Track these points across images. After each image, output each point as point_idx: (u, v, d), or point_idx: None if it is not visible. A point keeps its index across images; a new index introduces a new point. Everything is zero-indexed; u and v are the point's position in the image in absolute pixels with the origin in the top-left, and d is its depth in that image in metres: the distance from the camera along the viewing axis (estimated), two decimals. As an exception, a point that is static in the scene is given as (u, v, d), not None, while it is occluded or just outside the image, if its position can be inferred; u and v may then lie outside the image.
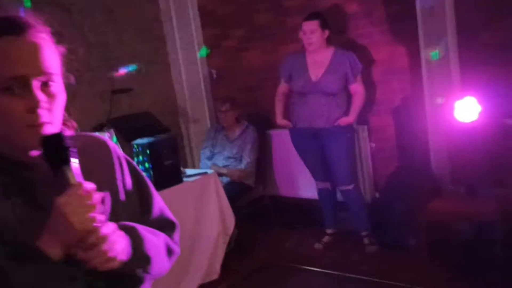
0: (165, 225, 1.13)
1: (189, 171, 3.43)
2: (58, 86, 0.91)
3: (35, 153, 0.89)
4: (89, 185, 0.85)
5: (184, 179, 3.25)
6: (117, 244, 0.86)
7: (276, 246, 3.82)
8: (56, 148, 0.85)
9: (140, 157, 3.01)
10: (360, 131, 3.78)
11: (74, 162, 0.87)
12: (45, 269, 0.81)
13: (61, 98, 0.93)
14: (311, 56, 3.45)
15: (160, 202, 1.15)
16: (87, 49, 4.06)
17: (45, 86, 0.88)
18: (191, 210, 3.19)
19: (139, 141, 3.06)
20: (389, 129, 3.79)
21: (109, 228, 0.86)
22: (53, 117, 0.89)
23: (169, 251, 1.10)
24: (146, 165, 2.99)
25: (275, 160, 4.28)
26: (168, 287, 3.03)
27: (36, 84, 0.86)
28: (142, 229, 1.01)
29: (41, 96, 0.87)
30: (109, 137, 2.97)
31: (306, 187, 4.03)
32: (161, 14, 4.69)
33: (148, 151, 2.96)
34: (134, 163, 1.14)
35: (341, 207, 3.69)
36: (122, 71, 4.34)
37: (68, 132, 1.02)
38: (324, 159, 3.51)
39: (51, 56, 0.90)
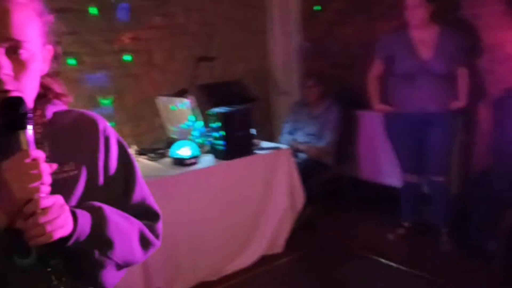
0: (146, 214, 1.08)
1: (264, 143, 3.44)
2: (29, 54, 0.88)
3: None
4: (38, 153, 0.83)
5: (257, 151, 3.27)
6: (58, 219, 0.82)
7: (346, 229, 3.73)
8: (13, 112, 0.84)
9: (214, 124, 3.08)
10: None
11: (29, 129, 0.85)
12: None
13: (34, 67, 0.90)
14: (416, 33, 3.16)
15: (144, 189, 1.10)
16: (186, 13, 4.19)
17: (13, 53, 0.86)
18: (260, 182, 3.21)
19: (215, 109, 3.12)
20: (486, 122, 3.42)
21: (52, 201, 0.82)
22: (20, 85, 0.87)
23: (144, 241, 1.05)
24: (219, 133, 3.06)
25: (360, 142, 4.13)
26: (231, 254, 3.14)
27: (1, 49, 0.84)
28: (111, 212, 0.97)
29: (5, 62, 0.84)
30: (189, 103, 3.08)
31: (389, 174, 3.85)
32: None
33: (221, 121, 3.01)
34: (126, 146, 1.10)
35: (423, 200, 3.46)
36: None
37: (60, 106, 1.03)
38: (419, 150, 3.27)
39: (25, 23, 0.87)
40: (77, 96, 3.48)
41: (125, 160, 1.07)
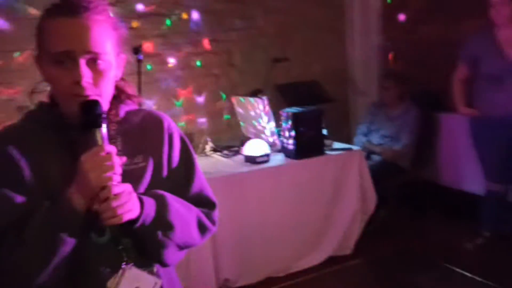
0: (203, 203, 1.20)
1: (336, 144, 3.44)
2: (106, 64, 1.02)
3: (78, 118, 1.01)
4: (111, 148, 0.96)
5: (328, 152, 3.28)
6: (127, 204, 0.96)
7: (421, 235, 3.60)
8: (91, 112, 0.98)
9: (285, 124, 3.14)
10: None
11: (104, 128, 0.98)
12: (65, 214, 0.95)
13: (109, 74, 1.04)
14: (502, 32, 3.00)
15: (202, 181, 1.21)
16: (265, 16, 4.29)
17: (93, 63, 1.00)
18: (330, 182, 3.22)
19: (286, 109, 3.17)
20: None
21: (122, 188, 0.96)
22: (98, 91, 1.01)
23: (201, 225, 1.16)
24: (290, 133, 3.11)
25: (440, 146, 3.96)
26: (300, 252, 3.18)
27: (82, 60, 0.98)
28: (172, 199, 1.09)
29: (86, 71, 0.98)
30: (261, 102, 3.17)
31: (471, 180, 3.64)
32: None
33: (292, 120, 3.06)
34: (188, 142, 1.21)
35: (507, 209, 3.26)
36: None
37: (131, 106, 1.16)
38: (507, 157, 3.11)
39: (102, 37, 1.00)
40: (158, 94, 3.72)
41: (186, 154, 1.19)
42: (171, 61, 3.86)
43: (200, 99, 4.04)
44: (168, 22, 3.80)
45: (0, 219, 0.97)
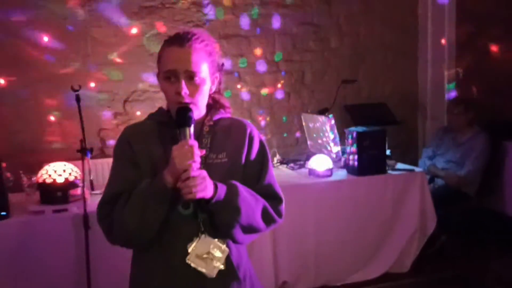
0: (271, 196, 1.45)
1: (400, 165, 3.56)
2: (200, 80, 1.35)
3: None
4: (194, 143, 1.27)
5: (391, 171, 3.41)
6: (201, 185, 1.25)
7: (480, 262, 3.60)
8: (183, 115, 1.31)
9: (350, 143, 3.32)
10: None
11: (191, 127, 1.30)
12: (160, 188, 1.28)
13: (203, 88, 1.37)
14: None
15: (272, 178, 1.47)
16: (339, 37, 4.50)
17: (190, 79, 1.34)
18: (390, 200, 3.34)
19: (351, 128, 3.36)
20: None
21: (198, 173, 1.25)
22: (194, 100, 1.35)
23: (266, 215, 1.41)
24: (353, 150, 3.29)
25: (507, 175, 3.93)
26: (356, 265, 3.33)
27: (183, 77, 1.32)
28: (243, 189, 1.36)
29: (184, 85, 1.33)
30: (328, 121, 3.38)
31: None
32: (418, 8, 4.72)
33: (356, 139, 3.24)
34: (266, 145, 1.49)
35: None
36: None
37: (223, 114, 1.47)
38: None
39: (199, 60, 1.34)
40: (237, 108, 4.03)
41: (263, 154, 1.47)
42: (247, 78, 4.18)
43: (272, 115, 4.31)
44: (247, 43, 4.13)
45: (118, 186, 1.35)
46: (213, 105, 1.47)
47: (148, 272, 1.38)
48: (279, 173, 3.51)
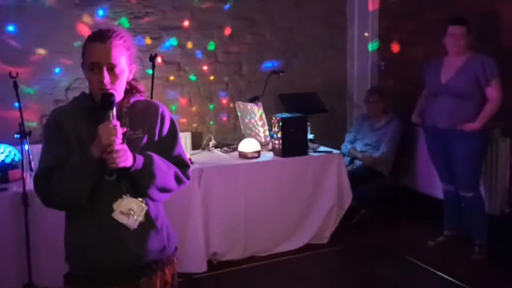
0: (180, 163, 1.76)
1: (322, 148, 3.98)
2: (119, 71, 1.61)
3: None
4: (116, 123, 1.55)
5: (313, 153, 3.82)
6: (123, 156, 1.53)
7: (392, 233, 4.09)
8: (106, 100, 1.57)
9: (276, 128, 3.70)
10: (502, 142, 3.68)
11: (114, 110, 1.57)
12: (89, 160, 1.55)
13: (122, 77, 1.63)
14: (448, 60, 3.54)
15: (181, 149, 1.79)
16: (273, 32, 4.86)
17: (111, 70, 1.60)
18: (311, 179, 3.76)
19: (278, 115, 3.74)
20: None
21: (120, 147, 1.53)
22: (114, 87, 1.61)
23: (178, 178, 1.72)
24: (278, 135, 3.67)
25: (419, 156, 4.42)
26: (281, 237, 3.73)
27: (105, 68, 1.59)
28: (158, 158, 1.66)
29: (106, 75, 1.59)
30: (257, 107, 3.74)
31: (439, 186, 4.11)
32: (346, 5, 5.14)
33: (280, 124, 3.62)
34: (175, 122, 1.79)
35: (463, 213, 3.72)
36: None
37: (139, 97, 1.77)
38: (448, 162, 3.60)
39: (118, 54, 1.61)
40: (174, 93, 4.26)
41: (172, 130, 1.77)
42: (186, 68, 4.47)
43: (214, 104, 4.62)
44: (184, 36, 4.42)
45: (51, 161, 1.62)
46: (130, 90, 1.75)
47: (80, 230, 1.65)
48: (213, 156, 3.86)
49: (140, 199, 1.66)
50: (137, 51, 1.78)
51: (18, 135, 2.91)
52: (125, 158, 1.55)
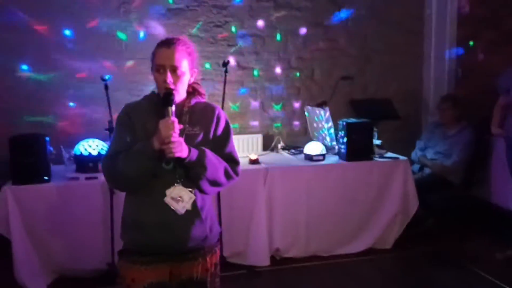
0: (231, 160, 1.95)
1: (389, 154, 4.00)
2: (181, 73, 1.83)
3: None
4: (174, 119, 1.76)
5: (379, 159, 3.86)
6: (179, 148, 1.74)
7: (459, 242, 4.01)
8: (167, 98, 1.79)
9: (341, 132, 3.80)
10: None
11: (173, 107, 1.78)
12: (150, 148, 1.76)
13: (184, 79, 1.85)
14: None
15: (233, 148, 1.98)
16: (348, 39, 4.93)
17: (174, 72, 1.82)
18: (375, 184, 3.81)
19: (344, 120, 3.83)
20: None
21: (177, 139, 1.73)
22: (176, 87, 1.83)
23: (227, 173, 1.91)
24: (344, 139, 3.76)
25: (493, 167, 4.27)
26: (343, 239, 3.82)
27: (168, 70, 1.81)
28: (210, 153, 1.85)
29: (169, 76, 1.81)
30: (325, 112, 3.86)
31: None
32: (424, 11, 5.07)
33: (346, 129, 3.71)
34: (229, 123, 1.97)
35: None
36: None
37: (200, 99, 1.99)
38: None
39: (181, 58, 1.83)
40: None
41: (226, 130, 1.97)
42: (262, 73, 4.69)
43: (288, 107, 4.79)
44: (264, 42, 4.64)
45: (119, 146, 1.88)
46: (192, 92, 1.96)
47: (137, 208, 1.86)
48: (280, 157, 4.04)
49: (190, 189, 1.85)
50: (199, 57, 1.99)
51: (107, 130, 3.33)
52: (181, 149, 1.76)
